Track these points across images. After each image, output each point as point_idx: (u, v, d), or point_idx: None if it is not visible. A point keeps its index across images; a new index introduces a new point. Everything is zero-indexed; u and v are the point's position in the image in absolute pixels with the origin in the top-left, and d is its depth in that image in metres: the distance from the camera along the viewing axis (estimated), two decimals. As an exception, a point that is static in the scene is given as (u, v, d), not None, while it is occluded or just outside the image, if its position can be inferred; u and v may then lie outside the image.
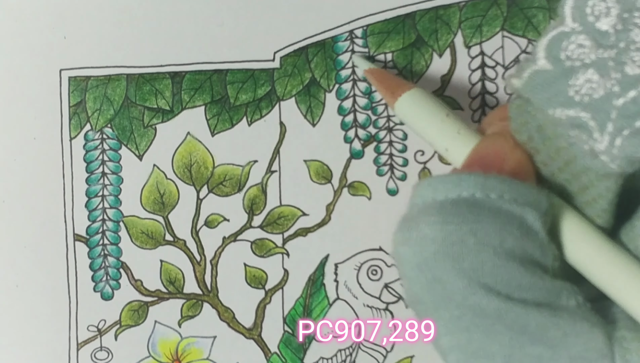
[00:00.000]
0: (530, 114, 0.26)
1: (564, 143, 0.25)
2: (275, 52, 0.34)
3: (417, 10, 0.34)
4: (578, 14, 0.25)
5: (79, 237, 0.35)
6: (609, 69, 0.24)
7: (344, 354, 0.35)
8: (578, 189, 0.26)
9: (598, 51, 0.24)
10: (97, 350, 0.35)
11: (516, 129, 0.27)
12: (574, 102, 0.25)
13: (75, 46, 0.34)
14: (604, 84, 0.24)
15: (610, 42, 0.24)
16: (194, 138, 0.35)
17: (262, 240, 0.35)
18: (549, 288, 0.24)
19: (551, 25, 0.26)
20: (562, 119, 0.25)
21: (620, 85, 0.24)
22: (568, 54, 0.25)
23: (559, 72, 0.25)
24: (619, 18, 0.24)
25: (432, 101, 0.31)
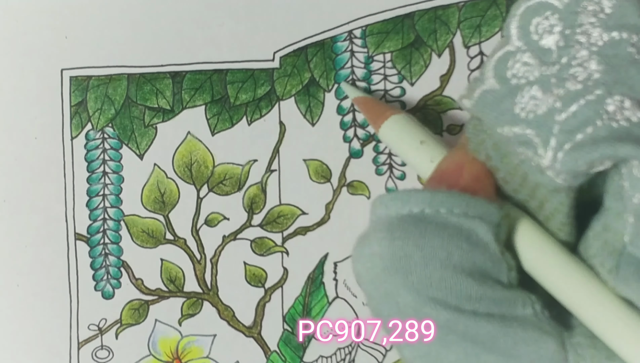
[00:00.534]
0: (486, 133, 0.27)
1: (516, 160, 0.26)
2: (275, 52, 0.34)
3: (416, 10, 0.34)
4: (522, 33, 0.26)
5: (80, 236, 0.35)
6: (552, 86, 0.25)
7: (343, 353, 0.35)
8: (536, 205, 0.27)
9: (542, 68, 0.25)
10: (98, 349, 0.35)
11: (474, 148, 0.27)
12: (520, 119, 0.25)
13: (77, 45, 0.35)
14: (546, 100, 0.25)
15: (553, 59, 0.25)
16: (194, 138, 0.35)
17: (262, 239, 0.35)
18: (501, 298, 0.25)
19: (498, 45, 0.26)
20: (510, 136, 0.25)
21: (562, 100, 0.24)
22: (514, 73, 0.26)
23: (506, 90, 0.25)
24: (562, 35, 0.25)
25: (410, 128, 0.31)
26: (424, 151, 0.30)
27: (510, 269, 0.26)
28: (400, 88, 0.34)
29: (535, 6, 0.26)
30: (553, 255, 0.26)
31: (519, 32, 0.26)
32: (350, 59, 0.34)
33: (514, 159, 0.26)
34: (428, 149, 0.30)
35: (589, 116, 0.24)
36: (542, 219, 0.27)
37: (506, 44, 0.26)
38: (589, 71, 0.24)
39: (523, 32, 0.26)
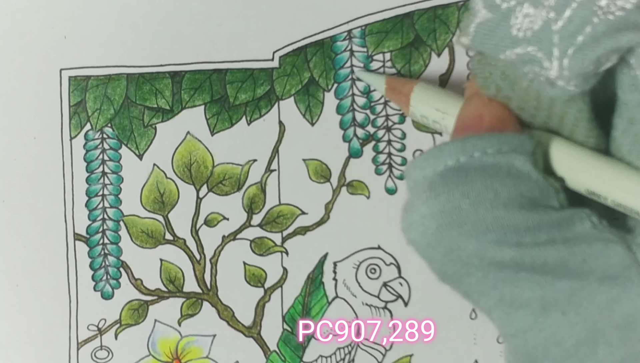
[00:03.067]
0: (491, 64, 0.27)
1: (526, 82, 0.26)
2: (274, 52, 0.34)
3: (415, 10, 0.34)
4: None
5: (79, 236, 0.35)
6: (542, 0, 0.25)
7: (343, 352, 0.35)
8: (557, 122, 0.27)
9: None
10: (97, 349, 0.35)
11: (483, 84, 0.28)
12: (519, 39, 0.25)
13: (76, 45, 0.35)
14: (540, 14, 0.25)
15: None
16: (193, 138, 0.35)
17: (262, 239, 0.35)
18: (557, 221, 0.25)
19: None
20: (514, 59, 0.26)
21: (555, 10, 0.24)
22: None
23: (499, 17, 0.26)
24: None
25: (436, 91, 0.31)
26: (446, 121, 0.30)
27: (557, 191, 0.26)
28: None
29: None
30: (592, 162, 0.26)
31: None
32: (349, 58, 0.34)
33: (524, 83, 0.26)
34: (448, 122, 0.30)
35: (584, 17, 0.24)
36: (568, 135, 0.27)
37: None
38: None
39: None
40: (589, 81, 0.25)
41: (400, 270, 0.35)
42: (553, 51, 0.25)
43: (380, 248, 0.35)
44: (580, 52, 0.24)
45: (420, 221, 0.25)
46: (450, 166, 0.25)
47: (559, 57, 0.24)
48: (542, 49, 0.25)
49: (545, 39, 0.25)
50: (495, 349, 0.35)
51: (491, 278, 0.25)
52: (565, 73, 0.24)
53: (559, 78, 0.25)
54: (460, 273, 0.25)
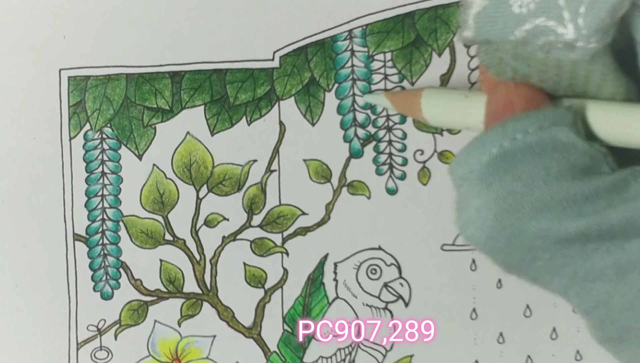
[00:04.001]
0: (499, 50, 0.27)
1: (541, 54, 0.26)
2: (275, 52, 0.34)
3: (416, 9, 0.34)
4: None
5: (79, 237, 0.35)
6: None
7: (343, 353, 0.35)
8: (583, 82, 0.26)
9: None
10: (96, 350, 0.35)
11: (497, 73, 0.27)
12: (524, 15, 0.25)
13: (75, 45, 0.35)
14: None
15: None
16: (193, 138, 0.35)
17: (262, 239, 0.35)
18: (613, 184, 0.24)
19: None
20: (525, 37, 0.25)
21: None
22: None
23: (496, 1, 0.25)
24: None
25: (445, 93, 0.31)
26: (473, 102, 0.30)
27: (606, 155, 0.25)
28: (400, 87, 0.34)
29: None
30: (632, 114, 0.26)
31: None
32: (350, 58, 0.34)
33: (538, 56, 0.26)
34: (476, 98, 0.30)
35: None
36: (594, 93, 0.27)
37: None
38: None
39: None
40: (608, 33, 0.24)
41: (400, 270, 0.35)
42: (564, 15, 0.24)
43: (380, 249, 0.35)
44: (593, 7, 0.24)
45: (477, 214, 0.25)
46: (496, 154, 0.25)
47: (572, 19, 0.24)
48: (551, 17, 0.24)
49: (552, 5, 0.24)
50: (495, 349, 0.35)
51: (559, 257, 0.24)
52: (583, 32, 0.24)
53: (577, 40, 0.24)
54: (527, 259, 0.25)
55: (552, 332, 0.35)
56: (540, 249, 0.24)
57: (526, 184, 0.24)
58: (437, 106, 0.31)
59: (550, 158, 0.25)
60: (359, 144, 0.34)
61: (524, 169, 0.24)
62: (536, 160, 0.25)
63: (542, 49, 0.25)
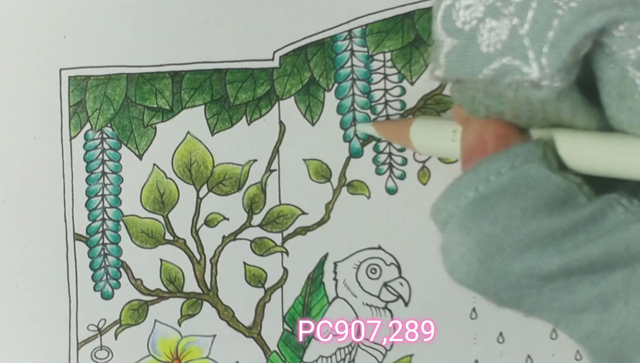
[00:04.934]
0: (470, 88, 0.27)
1: (510, 93, 0.26)
2: (275, 52, 0.34)
3: (415, 9, 0.34)
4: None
5: (79, 236, 0.35)
6: (500, 9, 0.25)
7: (343, 352, 0.35)
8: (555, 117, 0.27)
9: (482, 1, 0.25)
10: (97, 349, 0.35)
11: (471, 110, 0.28)
12: (491, 55, 0.25)
13: (75, 45, 0.35)
14: (503, 24, 0.25)
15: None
16: (193, 137, 0.35)
17: (262, 239, 0.35)
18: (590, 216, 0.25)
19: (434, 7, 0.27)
20: (493, 75, 0.25)
21: (517, 15, 0.24)
22: (462, 20, 0.26)
23: (465, 39, 0.26)
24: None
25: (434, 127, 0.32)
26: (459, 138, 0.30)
27: (580, 185, 0.26)
28: (400, 87, 0.34)
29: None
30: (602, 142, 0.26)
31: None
32: (350, 58, 0.34)
33: (508, 94, 0.26)
34: None
35: (547, 13, 0.24)
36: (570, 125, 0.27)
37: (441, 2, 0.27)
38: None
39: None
40: (571, 71, 0.25)
41: (400, 270, 0.35)
42: (528, 55, 0.24)
43: (380, 248, 0.35)
44: (555, 47, 0.24)
45: (461, 260, 0.25)
46: (472, 198, 0.25)
47: (536, 58, 0.24)
48: (516, 57, 0.25)
49: (517, 45, 0.25)
50: (495, 349, 0.35)
51: (546, 293, 0.25)
52: (547, 72, 0.24)
53: (542, 78, 0.25)
54: (515, 296, 0.25)
55: (552, 332, 0.35)
56: (526, 287, 0.25)
57: (504, 227, 0.25)
58: (426, 140, 0.32)
59: (524, 197, 0.25)
60: (359, 143, 0.34)
61: (500, 212, 0.25)
62: (511, 201, 0.25)
63: (510, 88, 0.26)
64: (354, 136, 0.34)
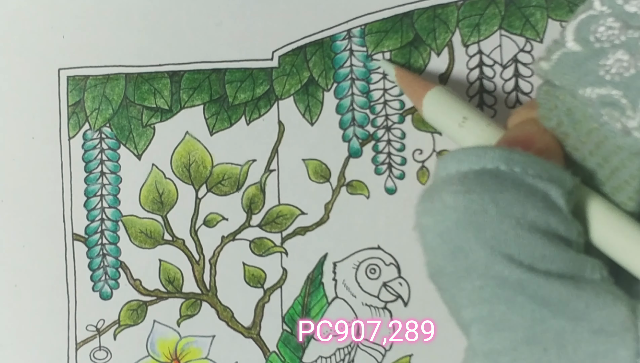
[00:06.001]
0: (559, 98, 0.27)
1: (594, 124, 0.26)
2: (274, 52, 0.34)
3: (415, 9, 0.34)
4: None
5: (78, 236, 0.35)
6: (639, 49, 0.25)
7: (342, 353, 0.35)
8: (609, 172, 0.26)
9: (627, 32, 0.25)
10: (96, 350, 0.35)
11: (545, 115, 0.27)
12: (605, 81, 0.25)
13: (74, 45, 0.35)
14: (634, 63, 0.25)
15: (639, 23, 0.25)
16: (192, 137, 0.35)
17: (261, 239, 0.35)
18: (572, 261, 0.24)
19: (579, 10, 0.26)
20: (593, 98, 0.25)
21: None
22: (597, 36, 0.25)
23: (589, 53, 0.25)
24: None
25: (450, 103, 0.31)
26: (466, 130, 0.30)
27: (579, 235, 0.25)
28: (399, 87, 0.34)
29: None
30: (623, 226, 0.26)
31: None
32: (349, 58, 0.34)
33: (591, 124, 0.26)
34: (470, 126, 0.30)
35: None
36: (610, 190, 0.26)
37: (588, 8, 0.26)
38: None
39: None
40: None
41: (400, 270, 0.35)
42: (639, 102, 0.24)
43: (379, 248, 0.35)
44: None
45: (442, 210, 0.25)
46: (488, 170, 0.25)
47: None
48: (628, 96, 0.24)
49: (635, 87, 0.24)
50: (495, 349, 0.35)
51: (489, 291, 0.24)
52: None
53: (637, 129, 0.24)
54: (459, 275, 0.25)
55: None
56: (476, 274, 0.24)
57: (499, 213, 0.24)
58: (436, 113, 0.31)
59: (533, 205, 0.24)
60: (358, 143, 0.34)
61: (505, 198, 0.24)
62: (520, 198, 0.24)
63: (597, 120, 0.25)
64: (353, 135, 0.34)
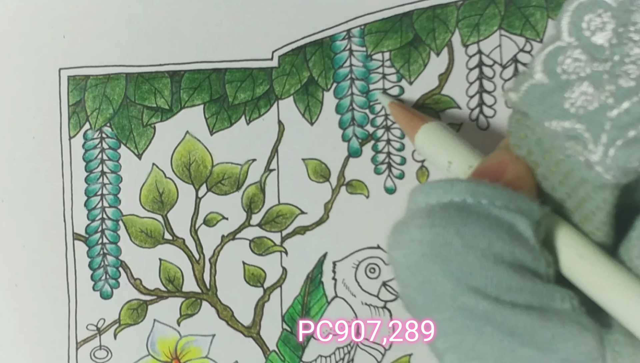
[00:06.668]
0: (529, 127, 0.27)
1: (561, 155, 0.26)
2: (274, 51, 0.34)
3: (414, 9, 0.34)
4: (574, 29, 0.26)
5: (78, 236, 0.35)
6: (604, 82, 0.25)
7: (342, 352, 0.35)
8: (577, 202, 0.26)
9: (593, 65, 0.25)
10: (96, 349, 0.35)
11: (516, 143, 0.27)
12: (570, 114, 0.25)
13: (75, 45, 0.35)
14: (598, 96, 0.25)
15: (605, 55, 0.25)
16: (192, 137, 0.35)
17: (261, 239, 0.35)
18: (540, 292, 0.25)
19: (548, 40, 0.26)
20: (558, 131, 0.25)
21: (614, 97, 0.24)
22: (564, 68, 0.26)
23: (555, 85, 0.25)
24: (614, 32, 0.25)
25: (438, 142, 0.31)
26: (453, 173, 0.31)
27: (549, 265, 0.25)
28: (398, 87, 0.34)
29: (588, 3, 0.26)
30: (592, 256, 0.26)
31: (571, 27, 0.26)
32: (349, 57, 0.34)
33: (558, 155, 0.26)
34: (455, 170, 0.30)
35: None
36: (579, 220, 0.27)
37: (557, 40, 0.26)
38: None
39: (575, 28, 0.26)
40: (627, 175, 0.24)
41: (399, 269, 0.35)
42: (601, 136, 0.24)
43: (379, 248, 0.35)
44: (629, 147, 0.24)
45: (409, 244, 0.25)
46: (455, 203, 0.25)
47: (606, 144, 0.24)
48: (590, 131, 0.24)
49: (597, 122, 0.24)
50: (494, 349, 0.35)
51: (458, 322, 0.24)
52: (607, 161, 0.24)
53: (598, 164, 0.24)
54: (429, 306, 0.25)
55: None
56: (445, 305, 0.24)
57: (465, 245, 0.24)
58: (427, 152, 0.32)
59: (498, 237, 0.25)
60: (358, 143, 0.34)
61: (470, 231, 0.24)
62: (486, 230, 0.24)
63: (564, 151, 0.26)
64: (352, 135, 0.34)
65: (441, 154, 0.31)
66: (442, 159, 0.31)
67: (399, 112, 0.33)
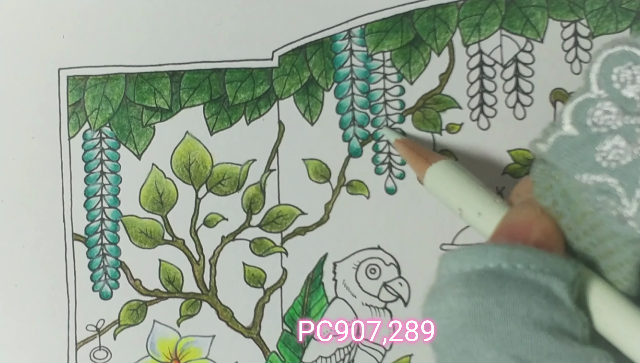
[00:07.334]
0: (555, 178, 0.26)
1: (589, 208, 0.25)
2: (274, 51, 0.34)
3: (415, 9, 0.34)
4: (604, 81, 0.25)
5: (78, 236, 0.35)
6: (636, 136, 0.24)
7: (342, 353, 0.35)
8: (603, 252, 0.26)
9: (624, 118, 0.25)
10: (96, 350, 0.35)
11: (540, 194, 0.27)
12: (601, 168, 0.25)
13: (74, 45, 0.35)
14: (631, 150, 0.24)
15: (637, 109, 0.25)
16: (192, 137, 0.35)
17: (261, 239, 0.35)
18: (579, 355, 0.24)
19: (577, 92, 0.26)
20: (589, 184, 0.25)
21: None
22: (594, 121, 0.25)
23: (585, 138, 0.25)
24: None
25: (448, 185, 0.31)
26: (485, 193, 0.30)
27: (584, 326, 0.25)
28: (399, 87, 0.34)
29: (618, 55, 0.25)
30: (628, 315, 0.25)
31: (600, 79, 0.26)
32: (349, 57, 0.34)
33: (585, 207, 0.26)
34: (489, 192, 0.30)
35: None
36: (604, 268, 0.26)
37: (586, 91, 0.26)
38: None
39: (604, 80, 0.25)
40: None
41: (400, 269, 0.35)
42: (635, 192, 0.24)
43: (380, 248, 0.34)
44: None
45: (447, 313, 0.25)
46: (490, 269, 0.25)
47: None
48: (623, 185, 0.24)
49: (631, 177, 0.24)
50: (495, 349, 0.35)
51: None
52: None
53: (632, 219, 0.24)
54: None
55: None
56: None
57: (505, 314, 0.24)
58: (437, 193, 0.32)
59: (536, 302, 0.24)
60: (358, 143, 0.34)
61: (509, 299, 0.24)
62: (524, 296, 0.24)
63: (594, 204, 0.25)
64: (353, 135, 0.34)
65: (451, 199, 0.31)
66: (452, 205, 0.31)
67: (405, 152, 0.33)
